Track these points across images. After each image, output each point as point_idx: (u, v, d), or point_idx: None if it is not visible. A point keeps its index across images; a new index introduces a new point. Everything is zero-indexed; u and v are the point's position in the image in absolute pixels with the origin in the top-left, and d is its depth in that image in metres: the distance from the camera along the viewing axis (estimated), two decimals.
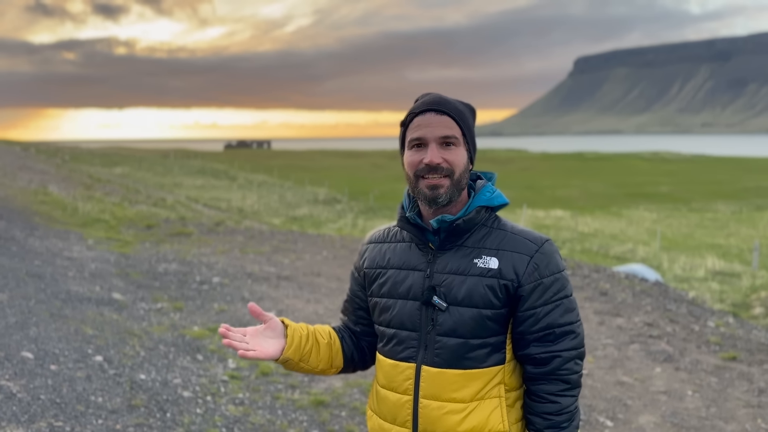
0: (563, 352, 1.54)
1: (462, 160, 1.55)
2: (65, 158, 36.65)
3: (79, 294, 6.32)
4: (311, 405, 4.32)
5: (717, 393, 4.91)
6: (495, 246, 1.55)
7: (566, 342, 1.54)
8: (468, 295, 1.53)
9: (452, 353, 1.54)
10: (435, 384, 1.55)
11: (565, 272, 1.59)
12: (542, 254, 1.55)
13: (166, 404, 4.06)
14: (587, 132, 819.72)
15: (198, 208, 20.56)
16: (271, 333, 1.60)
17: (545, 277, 1.54)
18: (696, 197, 35.99)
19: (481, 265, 1.53)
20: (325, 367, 1.70)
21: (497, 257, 1.54)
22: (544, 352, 1.54)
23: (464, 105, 1.61)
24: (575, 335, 1.56)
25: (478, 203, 1.58)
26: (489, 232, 1.58)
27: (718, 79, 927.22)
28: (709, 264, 15.14)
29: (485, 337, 1.54)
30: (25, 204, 12.73)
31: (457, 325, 1.53)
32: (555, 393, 1.54)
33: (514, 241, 1.56)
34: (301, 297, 7.06)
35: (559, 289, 1.55)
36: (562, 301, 1.55)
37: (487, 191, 1.61)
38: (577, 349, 1.56)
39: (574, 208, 30.07)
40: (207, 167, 49.96)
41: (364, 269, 1.71)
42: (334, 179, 43.19)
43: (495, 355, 1.56)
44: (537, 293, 1.53)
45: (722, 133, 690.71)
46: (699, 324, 6.83)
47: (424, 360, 1.56)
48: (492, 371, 1.56)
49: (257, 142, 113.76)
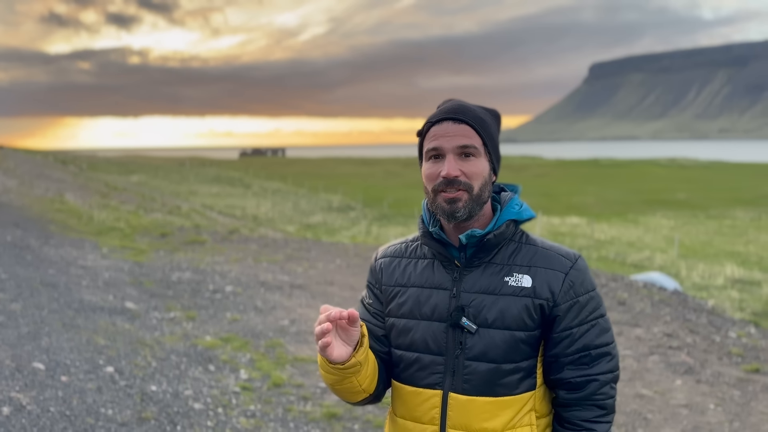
0: (600, 375, 1.44)
1: (482, 171, 1.44)
2: (82, 167, 36.99)
3: (92, 303, 6.30)
4: (324, 418, 4.25)
5: (740, 407, 4.78)
6: (526, 263, 1.45)
7: (602, 364, 1.45)
8: (500, 316, 1.42)
9: (483, 379, 1.43)
10: (464, 413, 1.43)
11: (598, 290, 1.50)
12: (577, 271, 1.46)
13: (177, 417, 4.01)
14: (603, 138, 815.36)
15: (213, 215, 20.62)
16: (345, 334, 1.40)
17: (581, 295, 1.45)
18: (714, 204, 35.58)
19: (513, 283, 1.43)
20: (365, 387, 1.49)
21: (530, 275, 1.44)
22: (579, 375, 1.44)
23: (486, 111, 1.50)
24: (611, 357, 1.47)
25: (508, 216, 1.47)
26: (518, 247, 1.48)
27: (736, 85, 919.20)
28: (728, 272, 14.90)
29: (518, 361, 1.44)
30: (41, 212, 12.82)
31: (488, 348, 1.42)
32: (590, 419, 1.44)
33: (547, 257, 1.46)
34: (314, 306, 7.00)
35: (595, 308, 1.47)
36: (598, 320, 1.47)
37: (515, 204, 1.51)
38: (613, 372, 1.47)
39: (590, 215, 29.81)
40: (222, 175, 50.22)
41: (383, 285, 1.57)
42: (348, 186, 43.21)
43: (527, 381, 1.46)
44: (573, 312, 1.44)
45: (740, 138, 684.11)
46: (720, 334, 6.68)
47: (453, 387, 1.44)
48: (524, 398, 1.46)
49: (272, 150, 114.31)
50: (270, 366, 5.12)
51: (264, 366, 5.10)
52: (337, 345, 1.38)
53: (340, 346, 1.39)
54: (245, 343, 5.59)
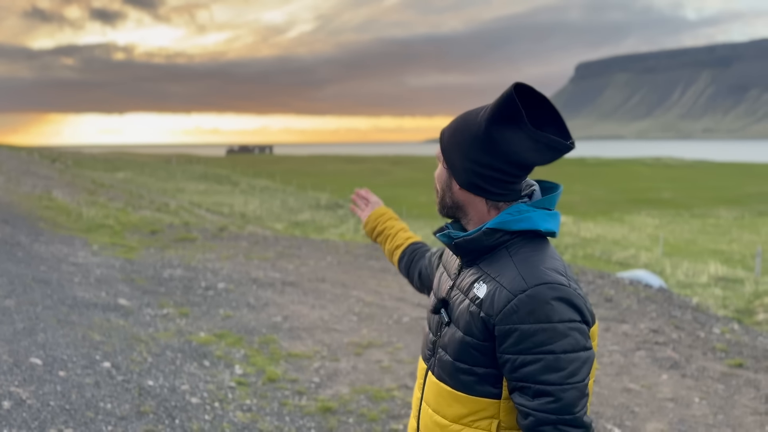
0: (538, 413, 1.35)
1: (440, 177, 1.55)
2: (68, 163, 36.72)
3: (86, 300, 6.33)
4: (319, 412, 4.33)
5: (724, 400, 4.91)
6: (494, 274, 1.43)
7: (542, 403, 1.34)
8: (459, 316, 1.48)
9: (445, 369, 1.51)
10: (432, 392, 1.55)
11: (562, 326, 1.34)
12: (529, 297, 1.35)
13: (175, 411, 4.07)
14: (589, 137, 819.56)
15: (201, 213, 20.59)
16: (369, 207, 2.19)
17: (524, 323, 1.34)
18: (698, 203, 35.98)
19: (474, 290, 1.45)
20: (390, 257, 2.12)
21: (488, 286, 1.42)
22: (521, 405, 1.38)
23: (468, 126, 1.46)
24: (554, 399, 1.34)
25: (490, 225, 1.45)
26: (502, 258, 1.45)
27: (720, 85, 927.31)
28: (712, 270, 15.13)
29: (471, 364, 1.45)
30: (29, 209, 12.76)
31: (450, 342, 1.49)
32: None
33: (509, 274, 1.40)
34: (306, 303, 7.07)
35: (543, 342, 1.33)
36: (545, 356, 1.33)
37: (513, 212, 1.45)
38: (558, 415, 1.34)
39: (576, 213, 30.06)
40: (209, 172, 50.04)
41: (437, 255, 1.91)
42: (336, 184, 43.23)
43: (486, 387, 1.45)
44: (512, 339, 1.36)
45: (724, 138, 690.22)
46: (704, 330, 6.83)
47: (431, 367, 1.57)
48: (482, 402, 1.46)
49: (259, 147, 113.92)
50: (264, 361, 5.18)
51: (258, 361, 5.17)
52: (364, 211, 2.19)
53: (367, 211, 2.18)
54: (239, 339, 5.65)
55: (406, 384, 4.86)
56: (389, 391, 4.71)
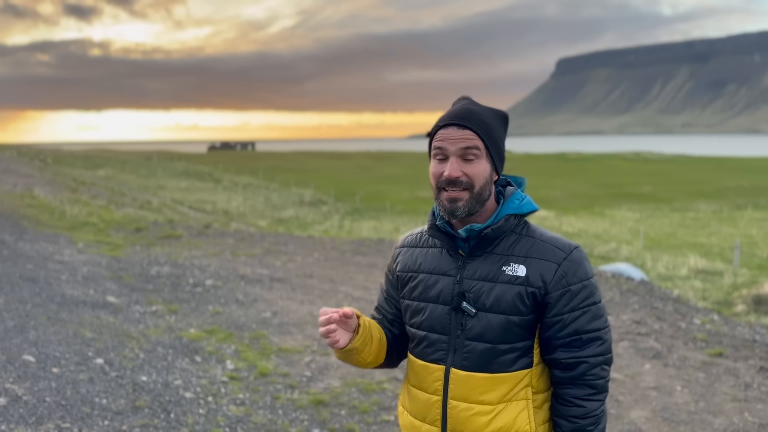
0: (590, 358, 1.56)
1: (483, 173, 1.56)
2: (47, 161, 36.31)
3: (74, 297, 6.34)
4: (311, 404, 4.40)
5: (705, 388, 5.06)
6: (523, 253, 1.57)
7: (593, 348, 1.57)
8: (496, 301, 1.56)
9: (480, 357, 1.58)
10: (463, 386, 1.59)
11: (594, 279, 1.59)
12: (570, 262, 1.56)
13: (169, 405, 4.12)
14: (570, 133, 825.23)
15: (184, 210, 20.51)
16: (344, 325, 1.63)
17: (573, 284, 1.55)
18: (677, 197, 36.46)
19: (509, 272, 1.56)
20: (371, 361, 1.74)
21: (525, 264, 1.56)
22: (570, 357, 1.57)
23: (493, 113, 1.59)
24: (602, 341, 1.58)
25: (507, 211, 1.60)
26: (518, 239, 1.60)
27: (698, 80, 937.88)
28: (692, 263, 15.37)
29: (512, 342, 1.57)
30: (12, 208, 12.66)
31: (485, 330, 1.57)
32: (581, 397, 1.57)
33: (543, 248, 1.57)
34: (295, 299, 7.13)
35: (587, 296, 1.57)
36: (590, 307, 1.57)
37: (516, 198, 1.62)
38: (604, 355, 1.58)
39: (557, 208, 30.35)
40: (191, 169, 49.72)
41: (397, 272, 1.75)
42: (320, 181, 43.17)
43: (522, 359, 1.59)
44: (564, 300, 1.55)
45: (702, 133, 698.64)
46: (685, 321, 7.00)
47: (453, 363, 1.60)
48: (519, 375, 1.59)
49: (241, 144, 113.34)
50: (255, 356, 5.24)
51: (249, 357, 5.22)
52: (341, 335, 1.62)
53: (343, 335, 1.63)
54: (229, 335, 5.70)
55: (396, 376, 4.94)
56: (380, 383, 4.79)
